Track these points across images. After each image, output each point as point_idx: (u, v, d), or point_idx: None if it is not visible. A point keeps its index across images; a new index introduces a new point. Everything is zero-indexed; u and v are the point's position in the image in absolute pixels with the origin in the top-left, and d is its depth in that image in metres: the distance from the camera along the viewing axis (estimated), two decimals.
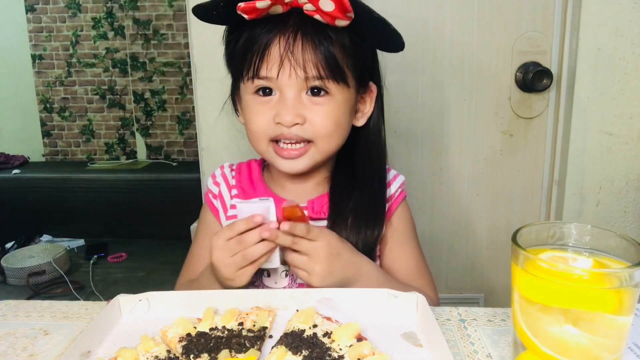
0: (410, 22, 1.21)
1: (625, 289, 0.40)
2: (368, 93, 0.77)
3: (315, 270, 0.65)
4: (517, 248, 0.44)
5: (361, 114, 0.77)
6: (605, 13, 1.13)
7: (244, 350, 0.50)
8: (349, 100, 0.72)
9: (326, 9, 0.63)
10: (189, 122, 3.41)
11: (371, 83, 0.77)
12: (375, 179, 0.79)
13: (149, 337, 0.52)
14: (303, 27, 0.66)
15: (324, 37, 0.66)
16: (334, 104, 0.70)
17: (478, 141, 1.28)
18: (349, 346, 0.50)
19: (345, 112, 0.72)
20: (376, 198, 0.78)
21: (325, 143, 0.72)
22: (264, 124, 0.70)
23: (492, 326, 0.59)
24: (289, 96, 0.68)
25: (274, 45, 0.67)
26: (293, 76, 0.67)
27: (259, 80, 0.69)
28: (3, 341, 0.57)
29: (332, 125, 0.70)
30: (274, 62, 0.67)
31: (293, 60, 0.66)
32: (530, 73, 1.19)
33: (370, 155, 0.79)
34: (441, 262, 1.35)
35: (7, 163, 3.24)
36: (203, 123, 1.21)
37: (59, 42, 3.38)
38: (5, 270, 2.50)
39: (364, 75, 0.74)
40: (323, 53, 0.66)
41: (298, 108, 0.69)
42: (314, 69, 0.67)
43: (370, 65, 0.76)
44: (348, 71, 0.70)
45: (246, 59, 0.69)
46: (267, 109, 0.70)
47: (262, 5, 0.63)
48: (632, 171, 1.21)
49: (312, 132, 0.70)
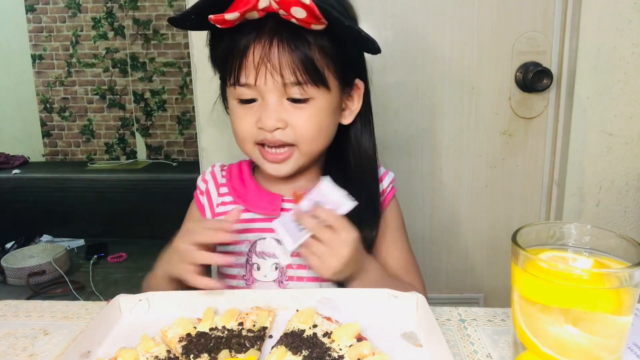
0: (410, 23, 1.21)
1: (625, 289, 0.40)
2: (355, 90, 0.76)
3: (331, 264, 0.64)
4: (517, 248, 0.44)
5: (349, 111, 0.77)
6: (605, 13, 1.13)
7: (244, 350, 0.50)
8: (331, 102, 0.71)
9: (298, 16, 0.62)
10: (189, 122, 3.41)
11: (358, 80, 0.76)
12: (367, 176, 0.78)
13: (149, 337, 0.52)
14: (280, 31, 0.65)
15: (300, 40, 0.66)
16: (315, 108, 0.69)
17: (478, 141, 1.28)
18: (349, 346, 0.50)
19: (328, 114, 0.71)
20: (372, 197, 0.78)
21: (308, 146, 0.72)
22: (247, 128, 0.71)
23: (492, 326, 0.59)
24: (270, 101, 0.68)
25: (250, 51, 0.66)
26: (270, 82, 0.67)
27: (240, 87, 0.69)
28: (3, 341, 0.57)
29: (315, 128, 0.70)
30: (251, 69, 0.67)
31: (269, 66, 0.66)
32: (530, 73, 1.18)
33: (360, 151, 0.78)
34: (441, 262, 1.35)
35: (7, 163, 3.24)
36: (203, 123, 1.21)
37: (59, 42, 3.38)
38: (5, 270, 2.50)
39: (349, 73, 0.73)
40: (299, 57, 0.66)
41: (279, 112, 0.68)
42: (291, 74, 0.66)
43: (355, 62, 0.75)
44: (329, 73, 0.69)
45: (226, 65, 0.69)
46: (250, 114, 0.70)
47: (231, 17, 0.62)
48: (632, 171, 1.21)
49: (295, 136, 0.70)
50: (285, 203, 0.77)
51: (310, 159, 0.75)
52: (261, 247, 0.76)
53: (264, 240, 0.76)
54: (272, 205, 0.77)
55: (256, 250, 0.76)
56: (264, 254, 0.76)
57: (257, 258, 0.76)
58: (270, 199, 0.78)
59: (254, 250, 0.76)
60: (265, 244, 0.76)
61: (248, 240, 0.76)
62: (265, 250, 0.76)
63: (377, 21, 1.20)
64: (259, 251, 0.76)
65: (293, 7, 0.60)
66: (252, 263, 0.76)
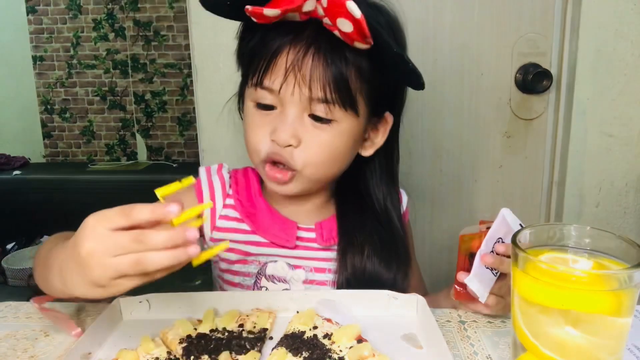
0: (410, 24, 1.21)
1: (624, 291, 0.40)
2: (382, 123, 0.70)
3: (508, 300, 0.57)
4: (517, 249, 0.44)
5: (370, 143, 0.70)
6: (604, 14, 1.13)
7: (245, 351, 0.50)
8: (354, 129, 0.65)
9: (344, 29, 0.56)
10: (189, 123, 3.41)
11: (388, 113, 0.69)
12: (385, 210, 0.72)
13: (149, 339, 0.52)
14: (318, 41, 0.59)
15: (338, 56, 0.59)
16: (337, 131, 0.63)
17: (478, 142, 1.28)
18: (349, 348, 0.50)
19: (347, 141, 0.65)
20: (396, 240, 0.72)
21: (314, 170, 0.65)
22: (259, 139, 0.65)
23: (492, 328, 0.59)
24: (289, 113, 0.62)
25: (282, 55, 0.60)
26: (297, 93, 0.61)
27: (261, 90, 0.63)
28: (4, 343, 0.57)
29: (327, 154, 0.64)
30: (279, 74, 0.61)
31: (299, 76, 0.60)
32: (530, 74, 1.19)
33: (378, 184, 0.73)
34: (441, 263, 1.34)
35: (8, 164, 3.24)
36: (204, 124, 1.21)
37: (59, 43, 3.38)
38: (6, 271, 2.49)
39: (381, 104, 0.67)
40: (333, 73, 0.59)
41: (296, 128, 0.62)
42: (320, 89, 0.60)
43: (392, 93, 0.69)
44: (360, 98, 0.63)
45: (253, 63, 0.63)
46: (265, 123, 0.64)
47: (271, 14, 0.57)
48: (632, 172, 1.21)
49: (303, 159, 0.63)
50: (300, 231, 0.71)
51: (316, 184, 0.69)
52: (272, 271, 0.70)
53: (276, 263, 0.70)
54: (287, 235, 0.70)
55: (266, 273, 0.70)
56: (274, 278, 0.70)
57: (266, 281, 0.70)
58: (285, 227, 0.71)
59: (264, 272, 0.70)
60: (277, 268, 0.70)
61: (258, 260, 0.71)
62: (276, 275, 0.70)
63: None
64: (268, 274, 0.70)
65: (340, 17, 0.54)
66: (261, 286, 0.70)
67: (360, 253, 0.69)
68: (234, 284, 0.72)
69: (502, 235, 0.58)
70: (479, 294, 0.57)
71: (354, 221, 0.71)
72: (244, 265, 0.71)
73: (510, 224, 0.57)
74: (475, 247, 0.58)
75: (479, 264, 0.57)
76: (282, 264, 0.70)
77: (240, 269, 0.71)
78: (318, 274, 0.71)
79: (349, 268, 0.69)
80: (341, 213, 0.73)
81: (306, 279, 0.70)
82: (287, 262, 0.70)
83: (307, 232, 0.72)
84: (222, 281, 0.74)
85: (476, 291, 0.57)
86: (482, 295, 0.57)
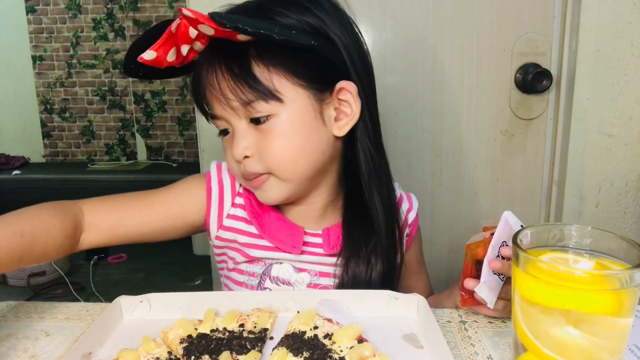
0: (410, 24, 1.21)
1: (625, 291, 0.40)
2: (342, 93, 0.64)
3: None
4: (518, 249, 0.44)
5: (346, 119, 0.65)
6: (604, 14, 1.13)
7: (245, 351, 0.50)
8: (298, 114, 0.62)
9: (208, 33, 0.57)
10: (189, 123, 3.41)
11: (342, 81, 0.64)
12: (380, 201, 0.69)
13: (150, 339, 0.52)
14: (220, 54, 0.61)
15: (238, 58, 0.60)
16: (280, 126, 0.62)
17: (478, 142, 1.28)
18: (349, 348, 0.50)
19: (299, 128, 0.62)
20: (392, 236, 0.70)
21: (287, 170, 0.63)
22: (230, 163, 0.68)
23: (493, 328, 0.59)
24: (237, 129, 0.63)
25: (202, 83, 0.64)
26: (220, 107, 0.63)
27: (212, 120, 0.66)
28: (4, 342, 0.57)
29: (284, 149, 0.62)
30: (209, 100, 0.64)
31: (215, 92, 0.62)
32: (530, 74, 1.19)
33: (369, 171, 0.67)
34: (441, 263, 1.35)
35: (8, 164, 3.25)
36: (203, 124, 1.21)
37: (59, 43, 3.39)
38: None
39: (323, 76, 0.63)
40: (236, 74, 0.60)
41: (246, 138, 0.63)
42: (232, 94, 0.60)
43: (326, 63, 0.63)
44: (286, 82, 0.61)
45: (197, 102, 0.67)
46: (228, 147, 0.66)
47: (149, 57, 0.59)
48: (632, 172, 1.21)
49: (266, 163, 0.63)
50: (307, 237, 0.70)
51: (300, 185, 0.66)
52: (277, 272, 0.70)
53: (281, 265, 0.70)
54: (293, 242, 0.69)
55: (271, 274, 0.70)
56: (278, 280, 0.70)
57: (270, 283, 0.70)
58: (291, 233, 0.69)
59: (268, 273, 0.70)
60: (282, 269, 0.70)
61: (263, 261, 0.70)
62: (281, 277, 0.70)
63: (377, 23, 1.20)
64: (273, 276, 0.70)
65: (200, 25, 0.56)
66: (264, 287, 0.70)
67: (363, 263, 0.68)
68: (239, 282, 0.72)
69: (506, 239, 0.57)
70: (487, 300, 0.56)
71: (357, 229, 0.69)
72: (249, 264, 0.71)
73: (513, 226, 0.57)
74: (481, 254, 0.57)
75: (487, 271, 0.56)
76: (288, 266, 0.70)
77: (246, 268, 0.71)
78: (323, 278, 0.71)
79: (351, 276, 0.68)
80: (346, 220, 0.71)
81: (311, 282, 0.70)
82: (293, 265, 0.70)
83: (314, 237, 0.71)
84: (227, 279, 0.75)
85: (485, 298, 0.56)
86: (491, 301, 0.57)
